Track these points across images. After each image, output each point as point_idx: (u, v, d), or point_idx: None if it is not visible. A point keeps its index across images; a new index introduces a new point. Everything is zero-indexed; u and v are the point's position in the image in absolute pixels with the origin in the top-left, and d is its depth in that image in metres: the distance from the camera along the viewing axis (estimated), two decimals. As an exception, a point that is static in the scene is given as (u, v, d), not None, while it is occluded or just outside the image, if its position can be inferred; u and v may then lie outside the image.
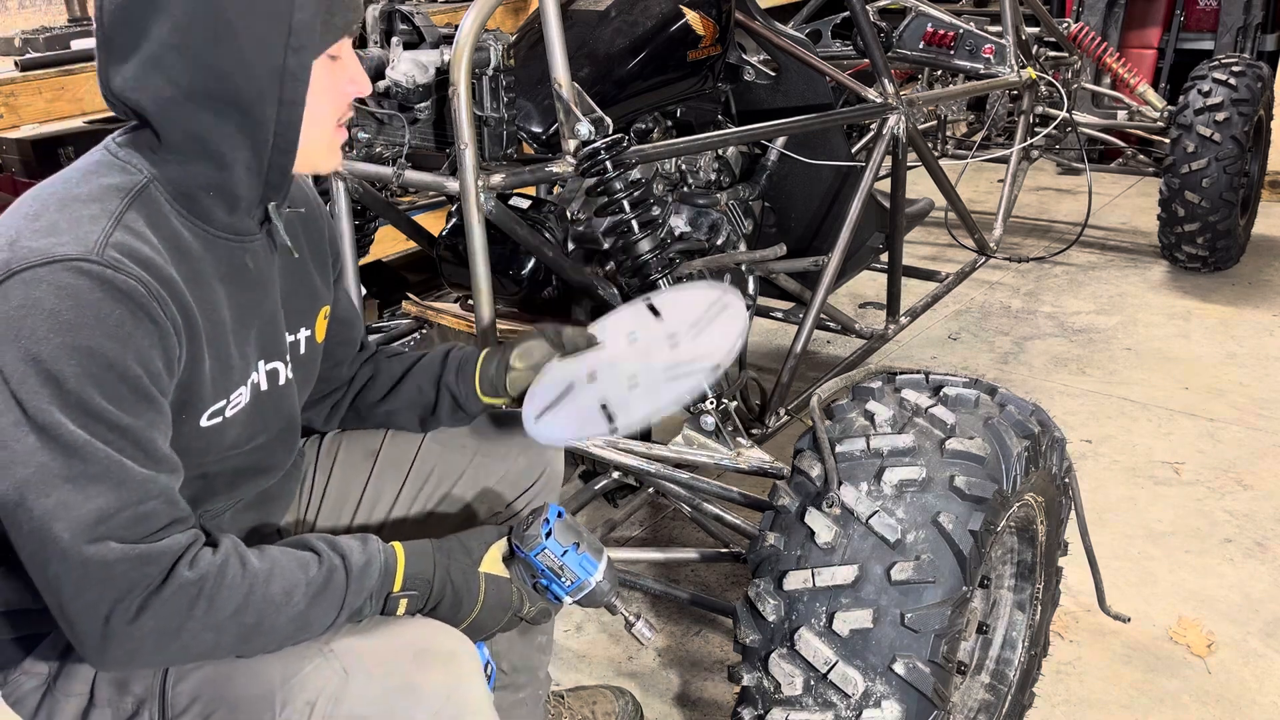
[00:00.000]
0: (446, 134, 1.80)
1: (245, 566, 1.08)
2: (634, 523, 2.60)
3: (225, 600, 1.05)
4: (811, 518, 1.44)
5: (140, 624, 1.01)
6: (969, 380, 1.63)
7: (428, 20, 1.80)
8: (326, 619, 1.13)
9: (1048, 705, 2.00)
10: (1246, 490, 2.71)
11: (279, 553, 1.13)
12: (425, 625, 1.19)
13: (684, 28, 2.19)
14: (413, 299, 2.21)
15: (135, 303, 1.03)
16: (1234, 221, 4.03)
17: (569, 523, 1.29)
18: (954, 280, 3.29)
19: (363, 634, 1.16)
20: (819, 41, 3.40)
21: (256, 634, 1.08)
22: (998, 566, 1.79)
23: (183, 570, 1.03)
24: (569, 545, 1.27)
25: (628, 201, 1.87)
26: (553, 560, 1.26)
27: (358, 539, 1.19)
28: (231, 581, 1.06)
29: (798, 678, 1.38)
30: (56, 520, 0.99)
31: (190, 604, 1.03)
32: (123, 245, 1.05)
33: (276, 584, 1.09)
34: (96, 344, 1.00)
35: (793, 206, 2.57)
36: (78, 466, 0.99)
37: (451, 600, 1.21)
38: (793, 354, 2.36)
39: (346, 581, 1.13)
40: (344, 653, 1.13)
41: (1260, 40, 5.48)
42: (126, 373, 1.02)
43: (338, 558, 1.14)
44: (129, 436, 1.03)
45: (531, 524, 1.27)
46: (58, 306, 1.00)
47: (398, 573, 1.19)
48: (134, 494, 1.02)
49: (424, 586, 1.20)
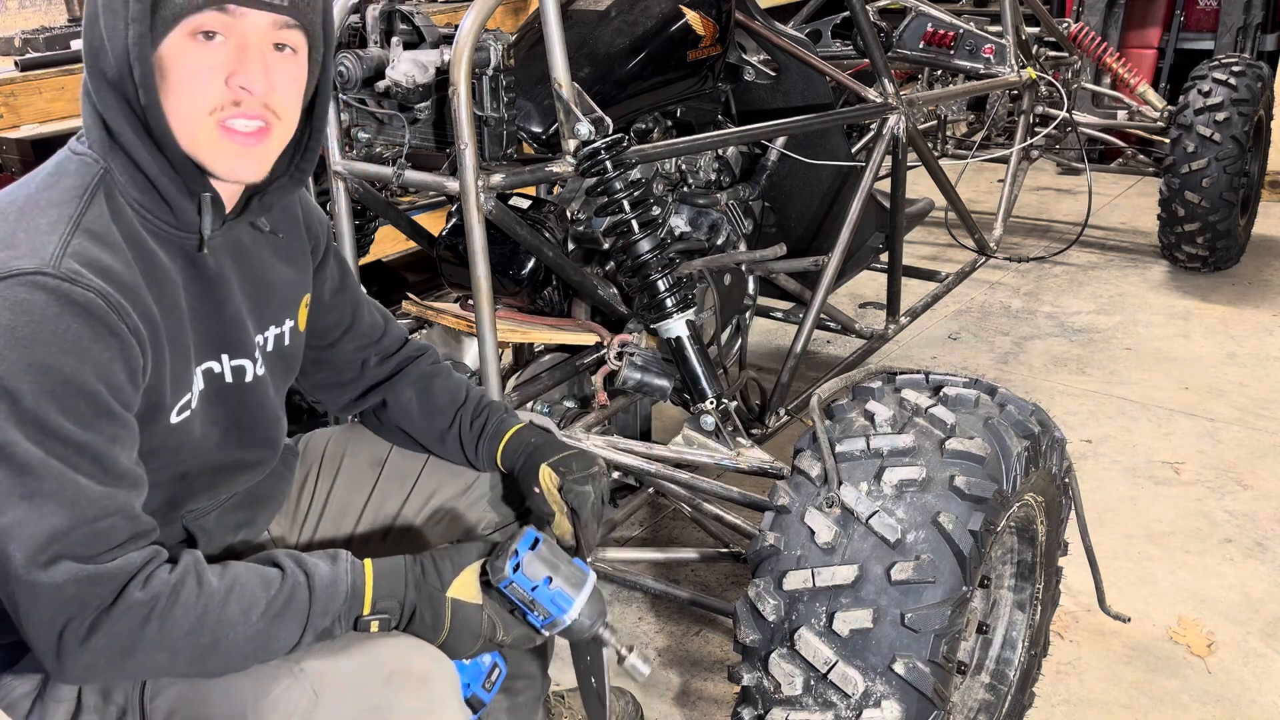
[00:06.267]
0: (446, 134, 1.80)
1: (202, 585, 1.05)
2: (634, 523, 2.60)
3: (178, 620, 1.03)
4: (811, 518, 1.44)
5: (91, 643, 1.00)
6: (969, 380, 1.63)
7: (428, 20, 1.80)
8: (289, 639, 1.09)
9: (1048, 705, 2.00)
10: (1246, 490, 2.71)
11: (242, 569, 1.10)
12: (401, 644, 1.15)
13: (684, 28, 2.19)
14: (413, 299, 2.21)
15: (94, 316, 1.01)
16: (1234, 221, 4.03)
17: (543, 554, 1.20)
18: (954, 280, 3.29)
19: (336, 653, 1.13)
20: (819, 41, 3.40)
21: (213, 653, 1.06)
22: (998, 566, 1.79)
23: (134, 591, 1.01)
24: (539, 580, 1.18)
25: (628, 201, 1.87)
26: (523, 594, 1.19)
27: (327, 557, 1.15)
28: (185, 601, 1.04)
29: (798, 678, 1.38)
30: (10, 540, 0.97)
31: (141, 623, 1.01)
32: (81, 254, 1.02)
33: (234, 603, 1.06)
34: (54, 360, 0.98)
35: (793, 206, 2.57)
36: (32, 484, 0.98)
37: (422, 623, 1.17)
38: (793, 354, 2.36)
39: (310, 601, 1.10)
40: (315, 674, 1.10)
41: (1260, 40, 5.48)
42: (84, 388, 1.00)
43: (302, 575, 1.11)
44: (86, 453, 1.00)
45: (502, 554, 1.19)
46: (14, 322, 0.97)
47: (366, 594, 1.14)
48: (89, 511, 1.00)
49: (395, 609, 1.15)
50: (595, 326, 2.10)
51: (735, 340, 2.44)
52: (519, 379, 2.03)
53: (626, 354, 2.00)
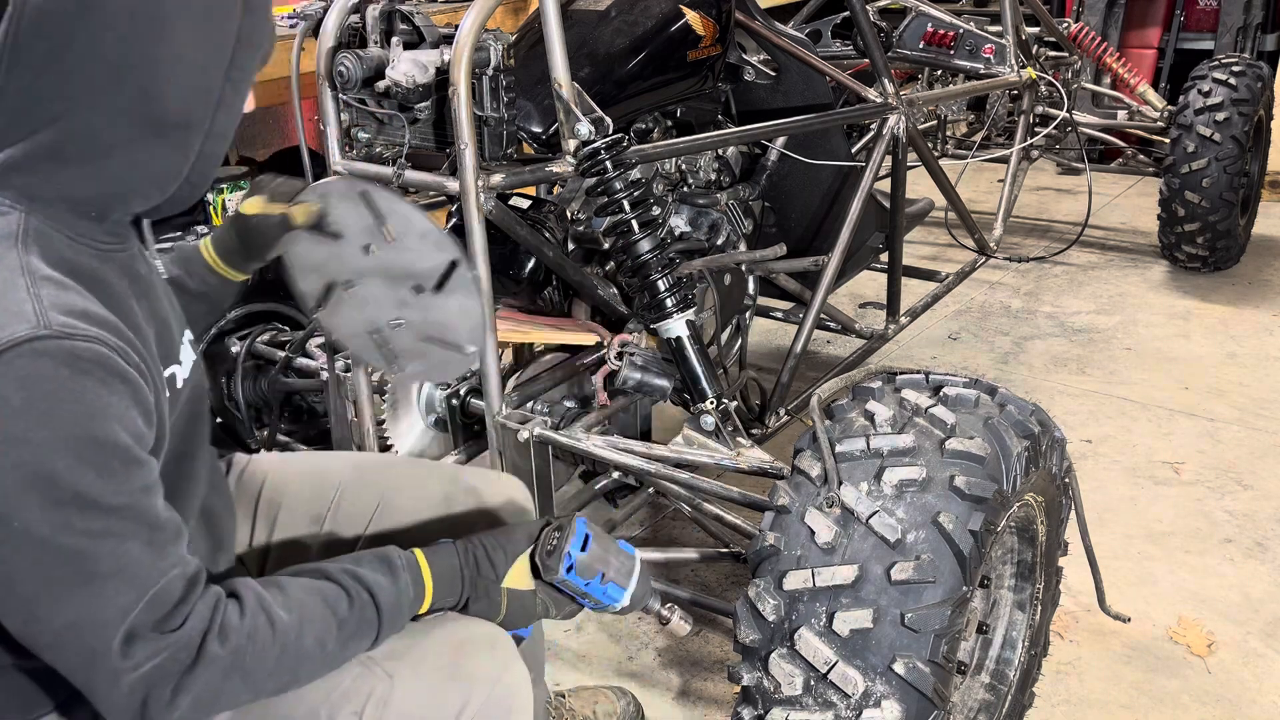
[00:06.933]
0: (446, 134, 1.80)
1: (274, 625, 1.04)
2: (634, 523, 2.60)
3: (259, 665, 1.02)
4: (811, 518, 1.44)
5: (177, 704, 0.98)
6: (969, 380, 1.63)
7: (428, 20, 1.80)
8: (359, 652, 1.13)
9: (1048, 705, 2.00)
10: (1246, 490, 2.71)
11: (303, 594, 1.08)
12: (456, 619, 1.21)
13: (684, 28, 2.18)
14: (413, 299, 2.21)
15: (102, 366, 0.94)
16: (1234, 221, 4.03)
17: (595, 552, 1.24)
18: (954, 280, 3.29)
19: (398, 638, 1.16)
20: (819, 41, 3.40)
21: (293, 683, 1.08)
22: (998, 566, 1.79)
23: (213, 646, 0.99)
24: (593, 578, 1.23)
25: (628, 201, 1.87)
26: (575, 588, 1.24)
27: (382, 565, 1.15)
28: (262, 644, 1.02)
29: (798, 677, 1.38)
30: (82, 633, 0.94)
31: (224, 676, 1.00)
32: (59, 303, 0.95)
33: (308, 635, 1.06)
34: (81, 428, 0.92)
35: (793, 206, 2.57)
36: (88, 568, 0.93)
37: (477, 610, 1.22)
38: (793, 354, 2.36)
39: (379, 621, 1.12)
40: (384, 658, 1.14)
41: (1260, 40, 5.48)
42: (116, 445, 0.95)
43: (365, 594, 1.11)
44: (129, 516, 0.96)
45: (555, 552, 1.23)
46: (30, 398, 0.90)
47: (426, 599, 1.18)
48: (150, 578, 0.96)
49: (451, 604, 1.21)
50: (595, 326, 2.10)
51: (735, 340, 2.44)
52: (519, 379, 2.03)
53: (626, 354, 2.00)
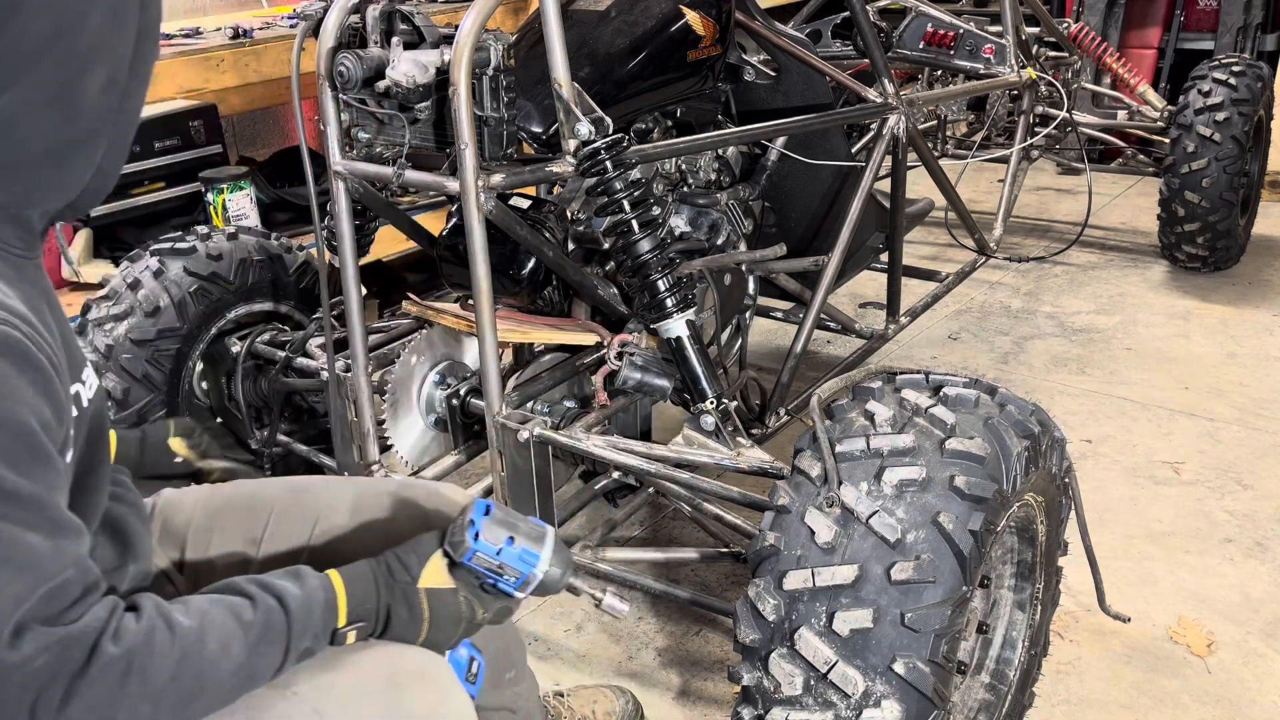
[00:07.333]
0: (446, 134, 1.80)
1: (173, 629, 0.99)
2: (634, 523, 2.60)
3: (158, 669, 0.96)
4: (811, 518, 1.44)
5: (69, 712, 0.90)
6: (969, 380, 1.63)
7: (428, 20, 1.80)
8: (272, 665, 1.05)
9: (1048, 705, 2.00)
10: (1246, 490, 2.71)
11: (206, 603, 1.04)
12: (385, 648, 1.14)
13: (684, 28, 2.19)
14: (413, 299, 2.21)
15: (13, 350, 0.91)
16: (1234, 221, 4.03)
17: (498, 517, 1.20)
18: (954, 280, 3.29)
19: (324, 669, 1.10)
20: (819, 41, 3.40)
21: (199, 695, 1.00)
22: (998, 566, 1.79)
23: (107, 647, 0.93)
24: (502, 542, 1.18)
25: (628, 201, 1.87)
26: (489, 561, 1.18)
27: (289, 575, 1.11)
28: (160, 649, 0.96)
29: (798, 677, 1.38)
30: None
31: (120, 681, 0.93)
32: None
33: (211, 640, 1.00)
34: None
35: (793, 206, 2.58)
36: None
37: (400, 622, 1.15)
38: (793, 354, 2.37)
39: (287, 623, 1.06)
40: (311, 693, 1.07)
41: (1260, 40, 5.47)
42: (21, 430, 0.90)
43: (272, 599, 1.06)
44: (32, 506, 0.91)
45: (459, 528, 1.19)
46: None
47: (340, 607, 1.11)
48: (46, 570, 0.91)
49: (370, 613, 1.13)
50: (595, 326, 2.10)
51: (735, 340, 2.44)
52: (519, 379, 2.03)
53: (626, 354, 2.00)
